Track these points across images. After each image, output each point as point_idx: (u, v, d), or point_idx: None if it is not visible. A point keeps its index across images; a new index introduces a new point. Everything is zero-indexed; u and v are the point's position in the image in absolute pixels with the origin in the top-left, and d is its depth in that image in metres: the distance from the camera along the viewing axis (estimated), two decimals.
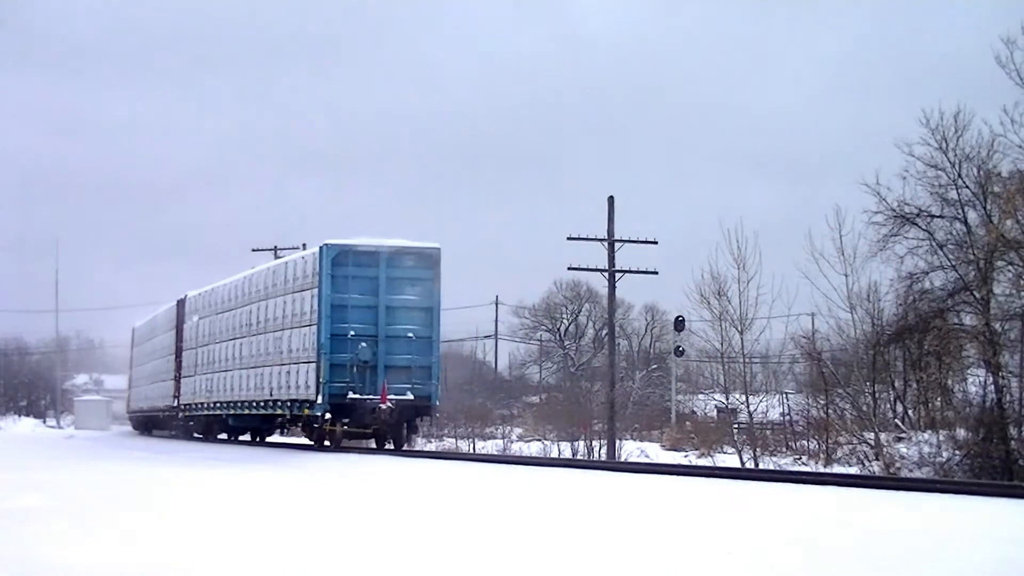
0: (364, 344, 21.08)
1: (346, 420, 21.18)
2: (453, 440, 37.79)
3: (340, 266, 21.35)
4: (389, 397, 20.58)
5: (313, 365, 21.48)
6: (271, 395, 24.02)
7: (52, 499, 10.82)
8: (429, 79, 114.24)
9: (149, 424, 40.15)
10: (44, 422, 57.22)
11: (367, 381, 21.01)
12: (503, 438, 37.35)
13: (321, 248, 21.68)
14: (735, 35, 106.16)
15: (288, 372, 22.99)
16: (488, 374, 66.85)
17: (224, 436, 29.79)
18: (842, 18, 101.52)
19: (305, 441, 25.21)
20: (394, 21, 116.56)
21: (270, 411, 24.62)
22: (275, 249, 42.66)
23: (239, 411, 26.47)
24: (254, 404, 25.22)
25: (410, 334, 21.52)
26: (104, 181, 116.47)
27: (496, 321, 64.68)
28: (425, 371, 21.68)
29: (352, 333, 21.12)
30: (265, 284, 25.12)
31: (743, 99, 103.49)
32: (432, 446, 36.61)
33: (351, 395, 20.80)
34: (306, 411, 22.05)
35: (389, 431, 21.83)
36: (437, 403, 22.71)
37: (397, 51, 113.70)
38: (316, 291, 21.54)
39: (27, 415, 60.81)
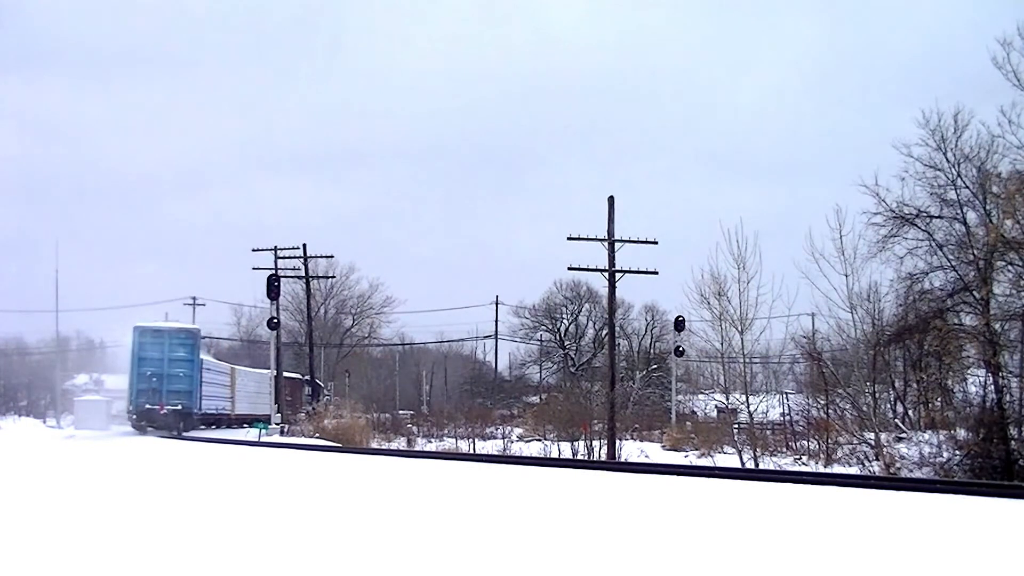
0: (155, 378, 37.67)
1: (153, 420, 37.77)
2: (453, 440, 37.80)
3: (144, 336, 38.51)
4: (167, 407, 37.46)
5: (131, 388, 38.67)
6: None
7: None
8: (425, 80, 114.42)
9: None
10: (44, 422, 57.04)
11: (156, 398, 37.60)
12: (503, 438, 37.34)
13: (134, 328, 38.93)
14: (728, 34, 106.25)
15: (132, 392, 39.39)
16: (488, 374, 66.91)
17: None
18: (839, 16, 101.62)
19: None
20: (393, 21, 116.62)
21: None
22: (275, 249, 42.68)
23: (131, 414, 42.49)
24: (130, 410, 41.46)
25: (180, 373, 38.12)
26: (103, 182, 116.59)
27: (496, 321, 64.78)
28: (188, 393, 38.32)
29: (149, 372, 37.74)
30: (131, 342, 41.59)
31: (739, 99, 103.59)
32: (432, 446, 36.69)
33: (147, 406, 37.62)
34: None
35: (171, 426, 37.61)
36: (197, 411, 39.37)
37: (393, 52, 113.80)
38: (133, 350, 38.55)
39: (27, 415, 60.70)
